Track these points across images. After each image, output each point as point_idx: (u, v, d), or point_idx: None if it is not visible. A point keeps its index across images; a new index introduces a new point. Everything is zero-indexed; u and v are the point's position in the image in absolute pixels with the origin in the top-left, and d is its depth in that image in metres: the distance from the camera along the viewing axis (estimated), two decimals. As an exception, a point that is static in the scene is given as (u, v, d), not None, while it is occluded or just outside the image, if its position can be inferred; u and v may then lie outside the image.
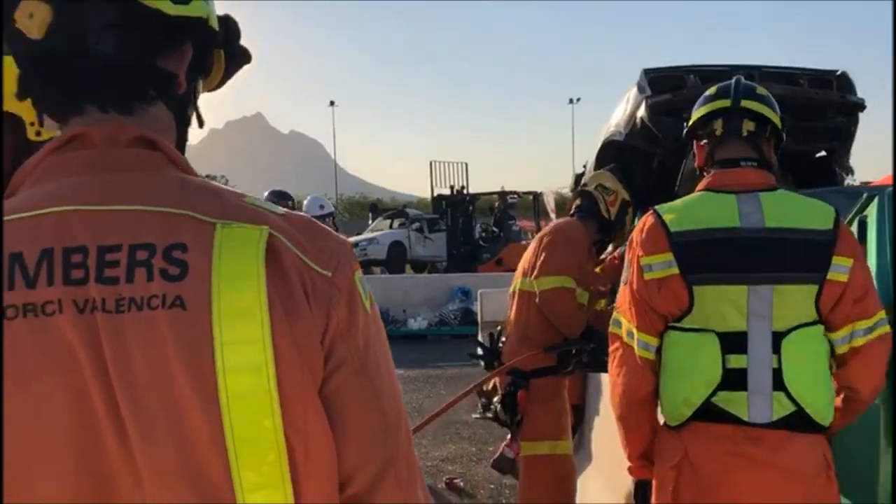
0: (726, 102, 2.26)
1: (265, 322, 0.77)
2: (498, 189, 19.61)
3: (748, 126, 2.23)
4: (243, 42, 0.99)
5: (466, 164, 19.39)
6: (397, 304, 12.30)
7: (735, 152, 2.24)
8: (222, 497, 0.76)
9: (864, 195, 2.94)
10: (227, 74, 0.99)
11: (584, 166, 6.67)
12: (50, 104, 0.90)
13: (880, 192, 2.83)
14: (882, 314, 2.15)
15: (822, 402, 2.08)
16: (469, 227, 17.43)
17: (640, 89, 5.38)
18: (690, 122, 2.38)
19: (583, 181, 6.17)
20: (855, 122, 5.42)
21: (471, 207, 17.29)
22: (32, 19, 0.84)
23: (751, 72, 5.46)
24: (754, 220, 2.12)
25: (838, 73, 5.46)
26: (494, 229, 17.82)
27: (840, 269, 2.08)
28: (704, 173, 2.31)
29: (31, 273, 0.78)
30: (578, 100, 52.93)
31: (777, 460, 2.03)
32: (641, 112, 5.30)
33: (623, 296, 2.26)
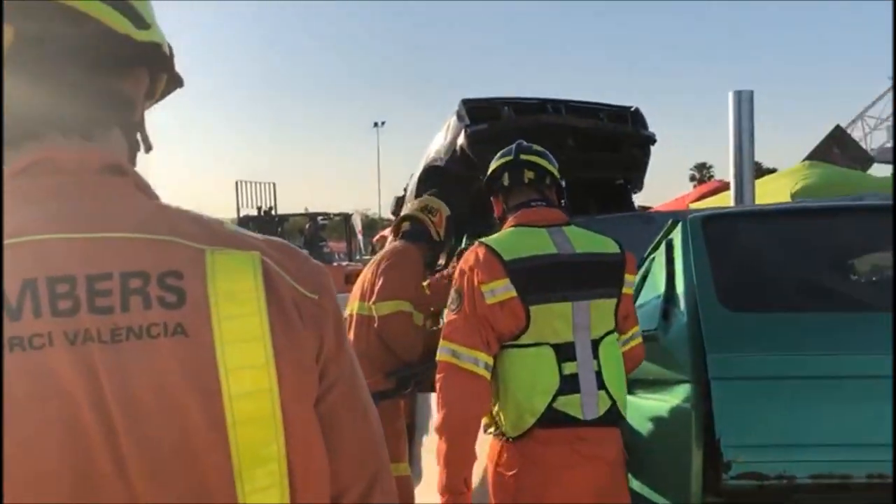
0: (509, 158, 2.74)
1: (268, 347, 0.78)
2: (302, 210, 19.38)
3: (528, 175, 2.68)
4: None
5: (274, 185, 19.04)
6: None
7: (523, 197, 2.69)
8: None
9: (670, 221, 3.28)
10: (159, 98, 0.97)
11: (405, 189, 6.84)
12: (6, 127, 0.84)
13: (683, 219, 3.17)
14: (637, 328, 2.74)
15: (624, 396, 2.59)
16: (279, 249, 17.10)
17: (460, 118, 5.65)
18: (485, 181, 2.81)
19: (405, 205, 6.34)
20: (648, 153, 6.02)
21: (280, 229, 16.96)
22: None
23: (557, 105, 5.92)
24: (567, 248, 2.55)
25: (632, 109, 6.05)
26: (305, 252, 17.59)
27: (630, 283, 2.65)
28: (503, 220, 2.76)
29: (13, 305, 0.73)
30: (383, 123, 53.68)
31: (601, 453, 2.48)
32: (461, 140, 5.56)
33: (454, 323, 2.46)
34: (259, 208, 17.89)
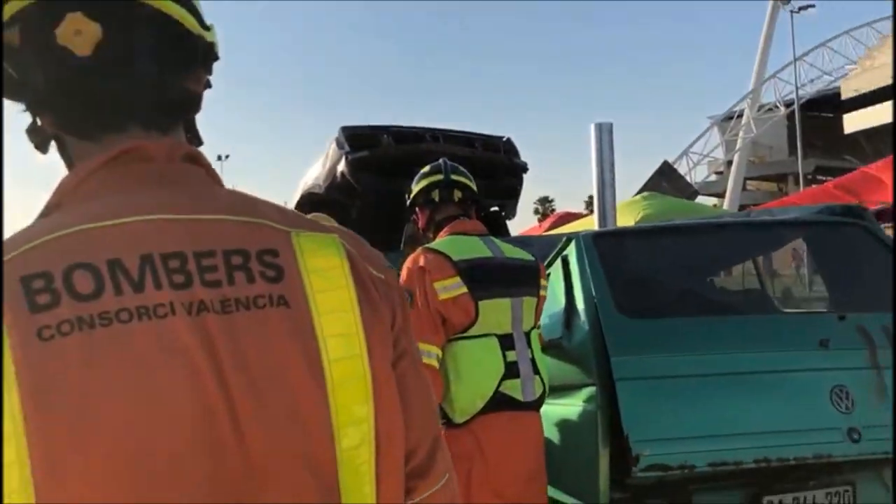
0: (440, 177, 2.99)
1: (357, 317, 0.84)
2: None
3: (458, 194, 2.97)
4: None
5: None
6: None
7: (450, 212, 2.96)
8: (326, 469, 0.81)
9: (564, 237, 3.50)
10: None
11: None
12: (88, 120, 0.86)
13: (576, 236, 3.40)
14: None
15: (548, 383, 2.83)
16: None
17: (340, 145, 5.70)
18: (413, 194, 3.03)
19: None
20: (521, 181, 6.32)
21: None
22: (80, 36, 0.82)
23: (435, 134, 6.12)
24: (498, 252, 2.84)
25: (504, 138, 6.35)
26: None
27: (543, 287, 2.93)
28: (427, 233, 3.02)
29: (135, 278, 0.77)
30: (227, 156, 52.44)
31: (534, 437, 2.76)
32: (342, 167, 5.61)
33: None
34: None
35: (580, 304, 3.13)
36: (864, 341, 2.97)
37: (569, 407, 3.04)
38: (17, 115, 0.94)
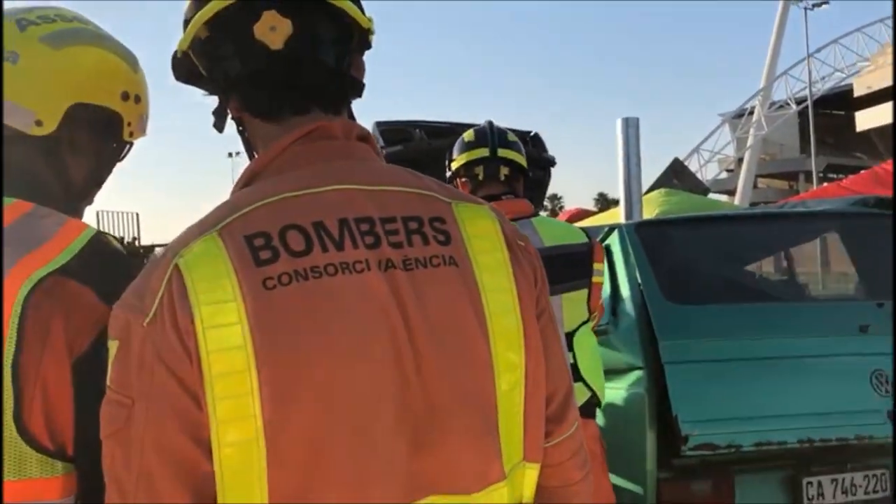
0: (485, 152, 2.65)
1: (510, 274, 0.97)
2: (167, 241, 18.60)
3: (504, 171, 2.65)
4: None
5: (137, 214, 18.27)
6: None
7: (495, 190, 2.63)
8: (489, 409, 0.93)
9: (606, 228, 3.60)
10: None
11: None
12: (276, 103, 0.98)
13: (618, 226, 3.50)
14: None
15: (602, 385, 2.62)
16: (144, 282, 16.36)
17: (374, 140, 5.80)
18: (455, 166, 2.72)
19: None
20: (548, 174, 6.40)
21: (145, 260, 16.24)
22: (275, 32, 0.94)
23: (466, 128, 6.21)
24: (536, 241, 2.50)
25: (532, 133, 6.43)
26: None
27: (598, 272, 2.63)
28: None
29: (336, 238, 0.89)
30: (238, 153, 52.57)
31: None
32: (376, 161, 5.71)
33: None
34: (121, 239, 17.08)
35: (625, 291, 3.23)
36: (904, 327, 3.06)
37: (616, 391, 3.14)
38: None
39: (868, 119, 37.15)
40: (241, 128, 1.06)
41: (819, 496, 2.99)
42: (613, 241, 3.47)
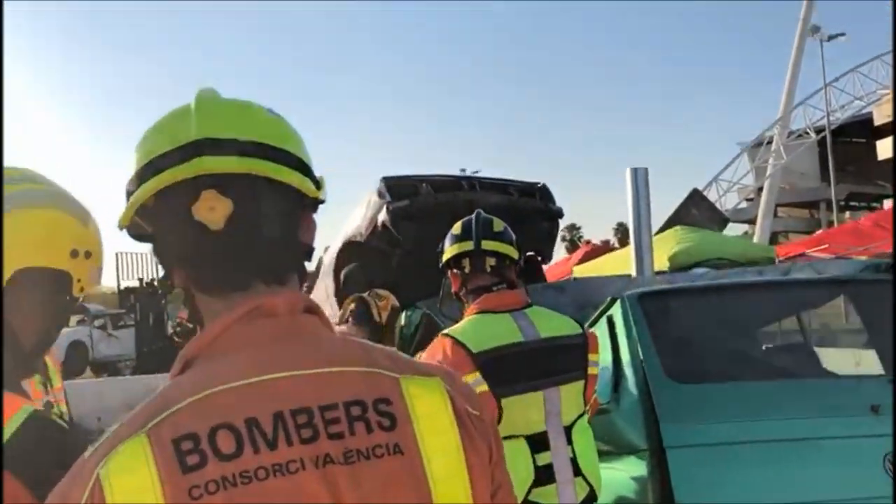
0: (469, 245, 2.63)
1: (461, 459, 0.93)
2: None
3: (490, 262, 2.62)
4: None
5: (155, 255, 18.31)
6: (90, 412, 11.10)
7: (484, 281, 2.61)
8: None
9: (608, 298, 3.53)
10: None
11: (319, 262, 6.88)
12: (217, 281, 0.95)
13: (621, 296, 3.43)
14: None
15: (599, 479, 2.54)
16: (161, 322, 16.46)
17: (381, 195, 5.80)
18: (445, 258, 2.72)
19: (319, 280, 6.38)
20: (556, 226, 6.38)
21: (163, 301, 16.37)
22: (214, 212, 0.91)
23: (472, 182, 6.21)
24: (532, 333, 2.49)
25: (539, 185, 6.42)
26: (189, 324, 17.01)
27: (593, 363, 2.60)
28: (461, 296, 2.70)
29: (269, 436, 0.85)
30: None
31: None
32: (383, 216, 5.71)
33: None
34: (140, 280, 17.24)
35: (627, 368, 3.16)
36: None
37: (618, 472, 3.06)
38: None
39: (888, 147, 36.77)
40: (187, 299, 1.03)
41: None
42: (616, 312, 3.41)
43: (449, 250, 2.70)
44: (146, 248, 1.03)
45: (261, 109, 1.01)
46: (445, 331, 2.54)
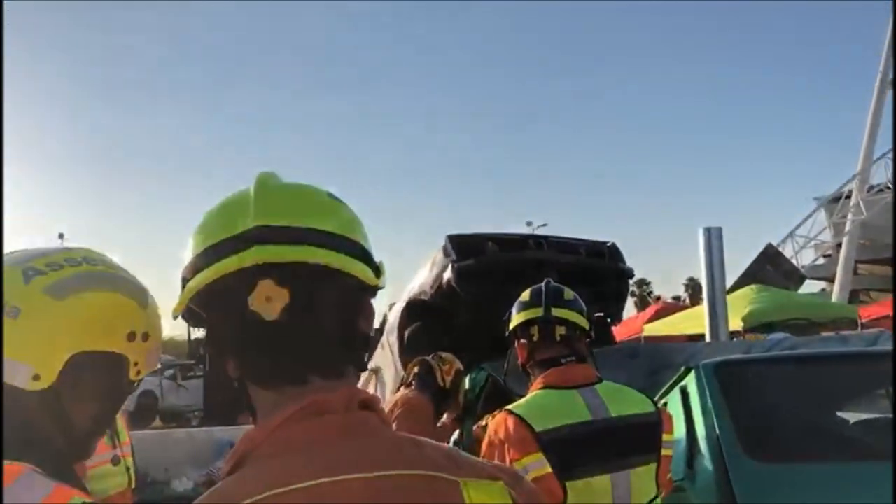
0: (539, 311, 2.49)
1: None
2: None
3: (560, 331, 2.46)
4: None
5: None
6: (157, 463, 11.26)
7: (553, 352, 2.45)
8: None
9: (682, 368, 3.38)
10: None
11: (384, 318, 6.87)
12: (272, 375, 0.92)
13: (696, 366, 3.28)
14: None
15: None
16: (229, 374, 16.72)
17: (446, 253, 5.77)
18: (512, 326, 2.58)
19: (386, 337, 6.35)
20: (626, 286, 6.22)
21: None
22: (270, 303, 0.88)
23: (539, 241, 6.13)
24: (601, 412, 2.32)
25: (609, 244, 6.29)
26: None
27: (668, 444, 2.40)
28: (528, 368, 2.54)
29: None
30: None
31: None
32: (448, 275, 5.66)
33: None
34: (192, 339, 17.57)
35: (703, 442, 3.00)
36: None
37: (693, 556, 2.89)
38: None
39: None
40: (240, 390, 0.99)
41: None
42: (690, 382, 3.26)
43: (517, 317, 2.57)
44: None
45: (321, 194, 0.98)
46: (509, 406, 2.41)
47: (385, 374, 6.54)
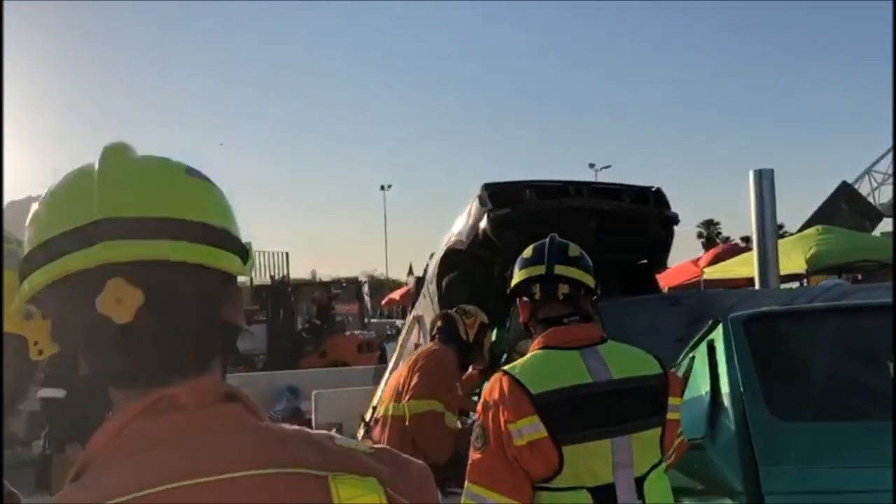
0: (541, 269, 2.36)
1: None
2: (309, 275, 19.49)
3: (563, 290, 2.33)
4: None
5: (287, 254, 19.14)
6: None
7: (555, 311, 2.34)
8: None
9: (710, 321, 3.24)
10: None
11: (425, 270, 6.84)
12: (128, 378, 0.85)
13: (724, 318, 3.14)
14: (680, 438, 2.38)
15: None
16: (291, 319, 17.07)
17: (482, 202, 5.67)
18: (512, 285, 2.45)
19: (426, 286, 6.32)
20: (671, 233, 6.02)
21: (293, 298, 16.97)
22: (122, 305, 0.79)
23: (579, 188, 5.95)
24: (602, 373, 2.21)
25: (654, 189, 6.07)
26: (317, 321, 17.59)
27: (674, 408, 2.28)
28: (530, 327, 2.43)
29: None
30: (389, 186, 54.16)
31: None
32: (483, 224, 5.57)
33: (480, 464, 2.18)
34: (272, 277, 17.94)
35: (727, 400, 2.88)
36: None
37: (712, 515, 2.80)
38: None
39: None
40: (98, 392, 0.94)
41: None
42: (717, 337, 3.12)
43: (518, 275, 2.43)
44: (279, 247, 0.90)
45: (178, 172, 0.88)
46: (505, 367, 2.31)
47: (427, 323, 6.55)
